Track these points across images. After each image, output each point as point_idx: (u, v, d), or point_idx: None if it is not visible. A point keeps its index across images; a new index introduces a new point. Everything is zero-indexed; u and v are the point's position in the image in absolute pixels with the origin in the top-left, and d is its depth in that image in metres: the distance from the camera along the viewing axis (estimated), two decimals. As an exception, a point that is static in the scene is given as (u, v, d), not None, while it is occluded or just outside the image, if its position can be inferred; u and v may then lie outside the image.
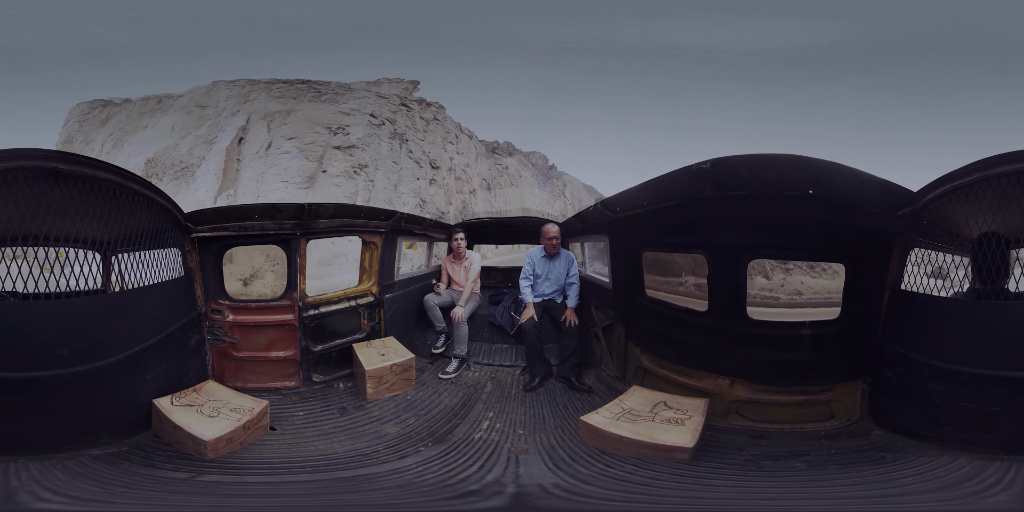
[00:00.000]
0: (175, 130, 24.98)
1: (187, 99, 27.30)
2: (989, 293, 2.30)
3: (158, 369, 2.81)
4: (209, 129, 24.27)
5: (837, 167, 2.30)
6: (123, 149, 25.69)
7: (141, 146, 25.12)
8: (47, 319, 2.27)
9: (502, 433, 3.01)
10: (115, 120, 28.54)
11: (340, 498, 2.25)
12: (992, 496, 1.83)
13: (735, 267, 2.80)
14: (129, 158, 24.00)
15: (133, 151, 24.99)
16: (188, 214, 3.27)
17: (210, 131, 24.12)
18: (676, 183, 2.69)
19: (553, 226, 4.36)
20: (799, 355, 2.78)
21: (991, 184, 2.15)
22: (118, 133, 27.42)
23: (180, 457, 2.49)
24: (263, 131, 23.28)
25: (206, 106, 25.71)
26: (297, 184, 21.31)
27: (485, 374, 4.27)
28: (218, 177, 21.80)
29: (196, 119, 25.17)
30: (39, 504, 1.82)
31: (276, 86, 26.34)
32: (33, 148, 2.14)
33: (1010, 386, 2.06)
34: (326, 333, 3.96)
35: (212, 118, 25.04)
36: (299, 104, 24.68)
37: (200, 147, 23.51)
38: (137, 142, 25.78)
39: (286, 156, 22.29)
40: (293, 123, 23.36)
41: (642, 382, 3.41)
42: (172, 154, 23.45)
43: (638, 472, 2.37)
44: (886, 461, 2.30)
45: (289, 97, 25.45)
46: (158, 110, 27.55)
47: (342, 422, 3.21)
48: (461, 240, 4.93)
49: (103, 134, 28.07)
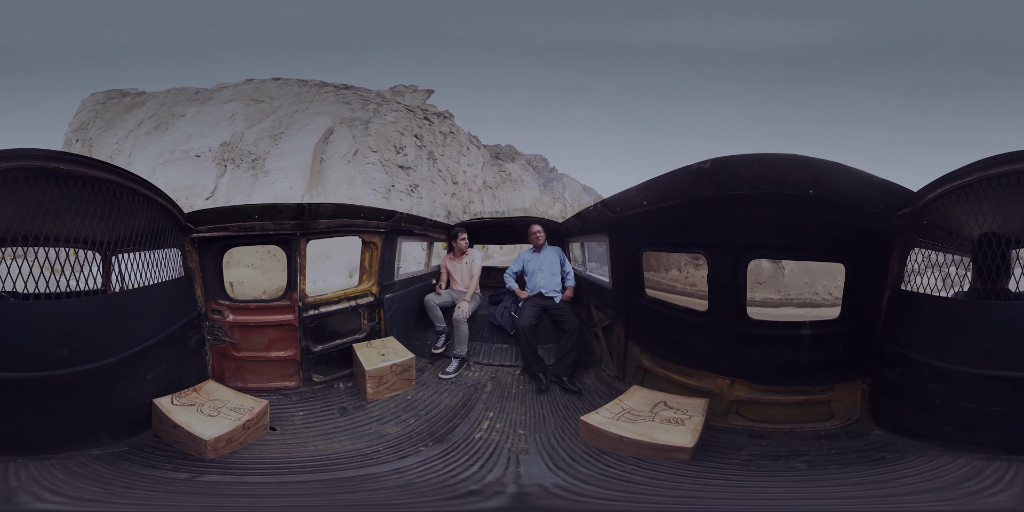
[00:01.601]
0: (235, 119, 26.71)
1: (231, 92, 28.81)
2: (989, 293, 2.30)
3: (158, 369, 2.81)
4: (274, 124, 26.02)
5: (837, 167, 2.30)
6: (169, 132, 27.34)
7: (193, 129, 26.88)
8: (47, 319, 2.27)
9: (502, 433, 3.01)
10: (147, 107, 29.86)
11: (341, 498, 2.25)
12: (992, 496, 1.83)
13: (735, 267, 2.80)
14: (190, 139, 26.08)
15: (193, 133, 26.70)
16: (188, 214, 3.27)
17: (275, 126, 25.93)
18: (676, 183, 2.69)
19: (534, 225, 4.89)
20: (799, 355, 2.78)
21: (991, 184, 2.15)
22: (149, 120, 28.74)
23: (180, 457, 2.49)
24: (348, 137, 25.78)
25: (260, 100, 27.50)
26: (381, 194, 24.01)
27: (485, 374, 4.27)
28: (304, 174, 23.65)
29: (256, 113, 26.90)
30: (39, 504, 1.82)
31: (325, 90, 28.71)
32: (33, 148, 2.14)
33: (1010, 386, 2.06)
34: (326, 333, 3.96)
35: (269, 114, 26.77)
36: (365, 113, 27.37)
37: (264, 140, 25.32)
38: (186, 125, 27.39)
39: (372, 166, 25.45)
40: (374, 135, 26.41)
41: (642, 382, 3.41)
42: (239, 145, 25.21)
43: (638, 472, 2.37)
44: (886, 461, 2.30)
45: (342, 102, 27.90)
46: (195, 100, 29.00)
47: (342, 422, 3.21)
48: (463, 240, 5.02)
49: (133, 118, 29.38)
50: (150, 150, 26.68)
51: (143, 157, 26.38)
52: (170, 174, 24.79)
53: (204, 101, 28.67)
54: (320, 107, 27.07)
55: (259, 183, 23.89)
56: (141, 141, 27.42)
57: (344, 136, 25.83)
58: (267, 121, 26.17)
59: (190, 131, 26.52)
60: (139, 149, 27.19)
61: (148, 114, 28.99)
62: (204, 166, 25.04)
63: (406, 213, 4.71)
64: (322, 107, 27.01)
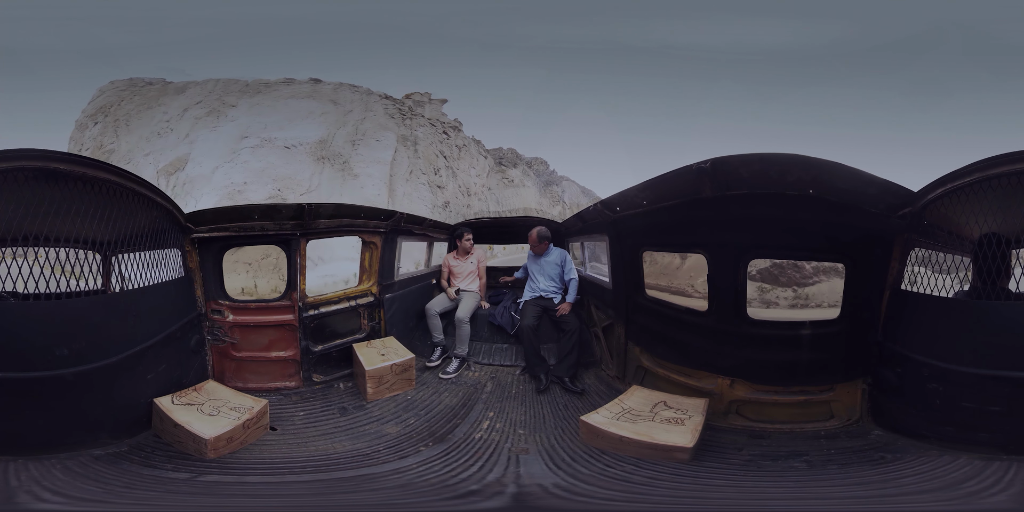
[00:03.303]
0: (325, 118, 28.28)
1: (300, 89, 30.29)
2: (989, 293, 2.30)
3: (158, 369, 2.81)
4: (350, 131, 28.06)
5: (837, 167, 2.30)
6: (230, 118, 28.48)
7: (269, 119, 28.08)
8: (47, 319, 2.27)
9: (502, 433, 3.01)
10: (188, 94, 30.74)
11: (341, 498, 2.25)
12: (992, 496, 1.83)
13: (735, 267, 2.80)
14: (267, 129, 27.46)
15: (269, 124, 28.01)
16: (188, 214, 3.27)
17: (352, 133, 28.01)
18: (676, 183, 2.68)
19: (532, 232, 4.64)
20: (799, 355, 2.78)
21: (991, 184, 2.14)
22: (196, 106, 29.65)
23: (180, 457, 2.49)
24: (405, 157, 28.57)
25: (338, 103, 29.27)
26: (428, 210, 26.31)
27: (485, 374, 4.27)
28: (385, 185, 26.42)
29: (337, 115, 28.60)
30: (39, 504, 1.82)
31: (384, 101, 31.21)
32: (33, 148, 2.14)
33: (1010, 386, 2.06)
34: (326, 333, 3.95)
35: (342, 116, 28.61)
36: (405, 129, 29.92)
37: (345, 146, 27.25)
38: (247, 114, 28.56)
39: (423, 186, 28.52)
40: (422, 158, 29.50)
41: (642, 382, 3.41)
42: (331, 144, 26.94)
43: (638, 472, 2.37)
44: (886, 461, 2.30)
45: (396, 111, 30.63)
46: (245, 92, 30.20)
47: (342, 422, 3.21)
48: (468, 240, 5.08)
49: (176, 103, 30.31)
50: (220, 132, 27.55)
51: (208, 137, 27.29)
52: (261, 159, 25.70)
53: (254, 93, 29.73)
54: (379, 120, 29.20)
55: (348, 185, 25.57)
56: (202, 122, 28.46)
57: (402, 156, 28.29)
58: (348, 127, 28.04)
59: (264, 121, 27.61)
60: (201, 129, 28.10)
61: (194, 101, 29.88)
62: (297, 159, 26.07)
63: (406, 213, 4.71)
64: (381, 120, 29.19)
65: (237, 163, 25.35)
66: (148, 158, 27.07)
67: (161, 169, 26.08)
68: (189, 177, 25.31)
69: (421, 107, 33.17)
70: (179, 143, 27.32)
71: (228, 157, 25.75)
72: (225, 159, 25.73)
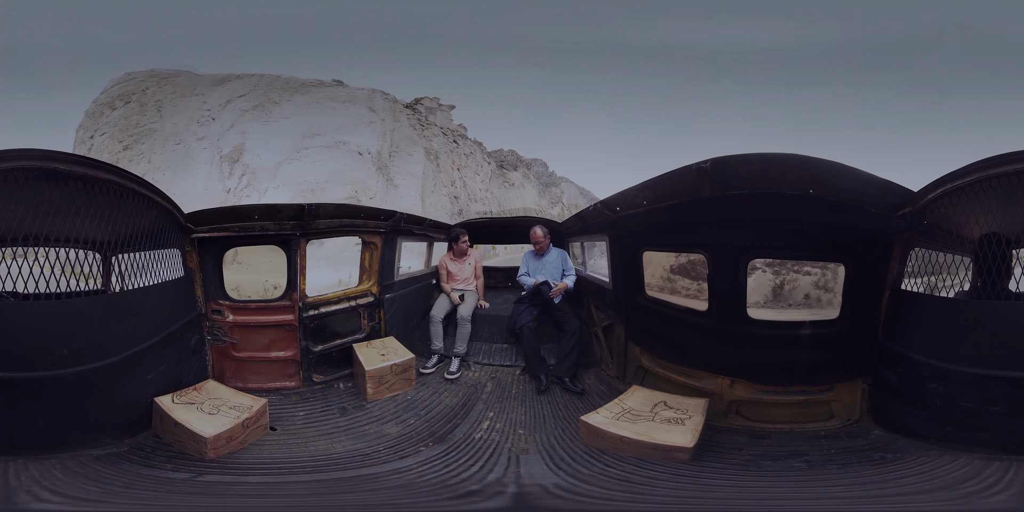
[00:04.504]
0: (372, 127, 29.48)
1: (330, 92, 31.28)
2: (990, 293, 2.30)
3: (158, 369, 2.81)
4: (387, 144, 29.48)
5: (837, 167, 2.30)
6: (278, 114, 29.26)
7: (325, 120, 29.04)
8: (47, 319, 2.27)
9: (502, 433, 3.01)
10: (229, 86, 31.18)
11: (341, 498, 2.25)
12: (992, 496, 1.83)
13: (735, 267, 2.80)
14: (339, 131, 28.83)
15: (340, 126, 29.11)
16: (188, 215, 3.27)
17: (388, 146, 29.42)
18: (676, 182, 2.68)
19: (536, 229, 4.68)
20: (799, 355, 2.78)
21: (991, 184, 2.15)
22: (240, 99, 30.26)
23: (180, 457, 2.49)
24: (431, 171, 30.10)
25: (374, 109, 30.39)
26: (448, 220, 26.88)
27: (485, 374, 4.27)
28: (419, 196, 27.98)
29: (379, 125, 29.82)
30: (39, 504, 1.82)
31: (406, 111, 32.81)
32: (33, 148, 2.14)
33: (1010, 386, 2.06)
34: (326, 333, 3.95)
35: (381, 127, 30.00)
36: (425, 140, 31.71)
37: (387, 157, 28.92)
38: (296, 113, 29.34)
39: (444, 198, 30.31)
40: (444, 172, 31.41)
41: (642, 382, 3.41)
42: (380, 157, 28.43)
43: (638, 472, 2.37)
44: (886, 461, 2.30)
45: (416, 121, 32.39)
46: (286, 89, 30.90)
47: (342, 422, 3.21)
48: (464, 242, 5.07)
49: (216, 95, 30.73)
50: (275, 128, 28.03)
51: (261, 130, 27.78)
52: (338, 161, 26.40)
53: (293, 93, 30.50)
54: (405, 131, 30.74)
55: (391, 195, 27.12)
56: (250, 115, 28.99)
57: (428, 170, 29.87)
58: (387, 138, 29.42)
59: (336, 123, 28.53)
60: (250, 122, 28.57)
61: (237, 93, 30.41)
62: (366, 165, 27.08)
63: (406, 213, 4.71)
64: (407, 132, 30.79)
65: (305, 161, 25.97)
66: (202, 142, 27.31)
67: (225, 155, 26.51)
68: (251, 168, 25.74)
69: (433, 114, 34.63)
70: (227, 132, 27.77)
71: (290, 154, 26.30)
72: (287, 155, 26.22)
